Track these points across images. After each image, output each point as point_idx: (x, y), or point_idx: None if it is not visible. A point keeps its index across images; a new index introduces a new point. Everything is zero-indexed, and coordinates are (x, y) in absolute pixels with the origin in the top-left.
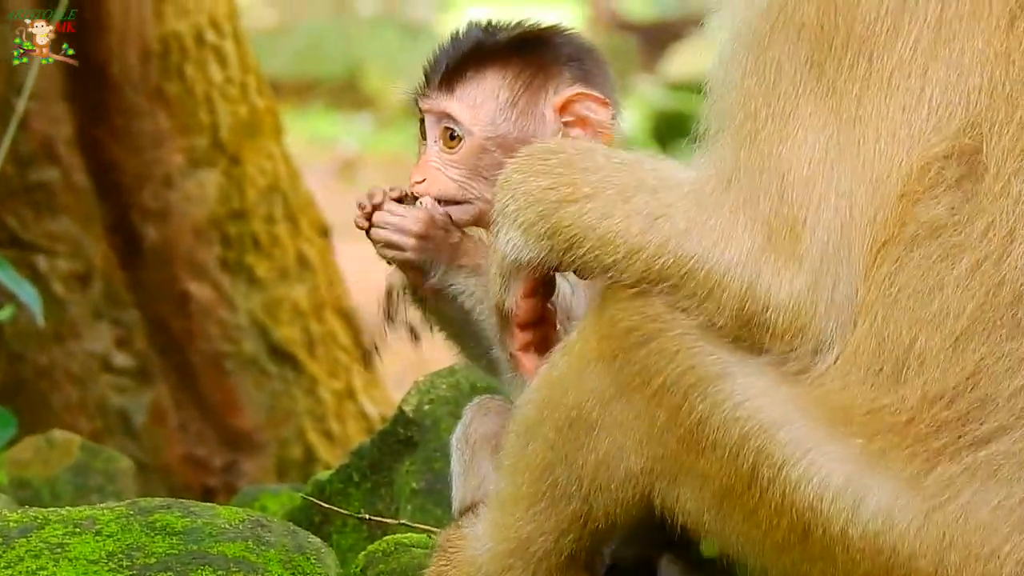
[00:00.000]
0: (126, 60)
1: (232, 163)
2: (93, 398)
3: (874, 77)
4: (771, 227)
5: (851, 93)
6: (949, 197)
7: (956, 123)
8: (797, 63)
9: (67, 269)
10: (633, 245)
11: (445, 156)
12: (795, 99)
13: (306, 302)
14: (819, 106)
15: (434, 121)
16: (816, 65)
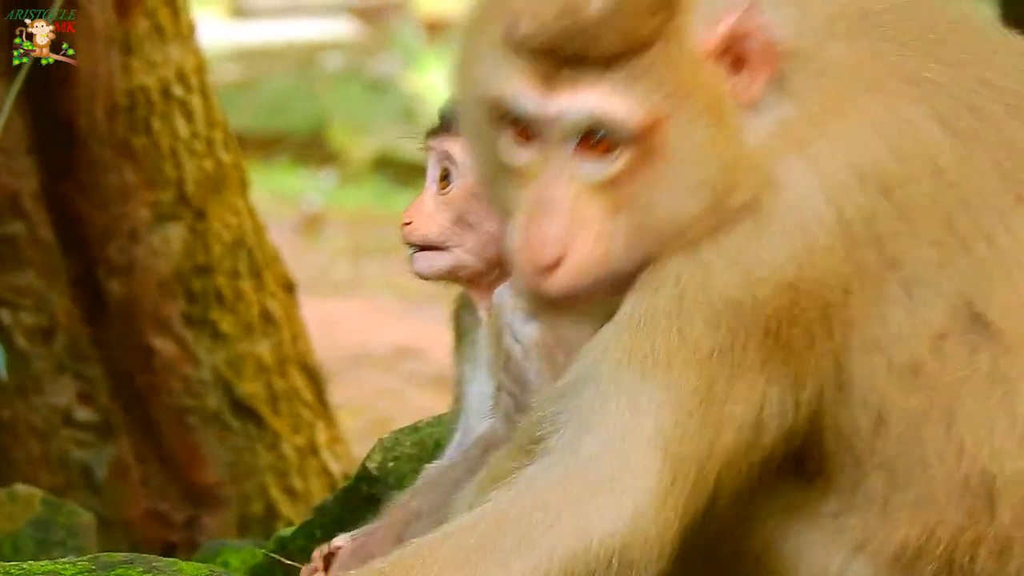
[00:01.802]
0: (93, 114)
1: (197, 218)
2: (55, 452)
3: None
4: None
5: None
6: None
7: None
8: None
9: (31, 323)
10: None
11: (439, 198)
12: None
13: (270, 358)
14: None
15: (435, 160)
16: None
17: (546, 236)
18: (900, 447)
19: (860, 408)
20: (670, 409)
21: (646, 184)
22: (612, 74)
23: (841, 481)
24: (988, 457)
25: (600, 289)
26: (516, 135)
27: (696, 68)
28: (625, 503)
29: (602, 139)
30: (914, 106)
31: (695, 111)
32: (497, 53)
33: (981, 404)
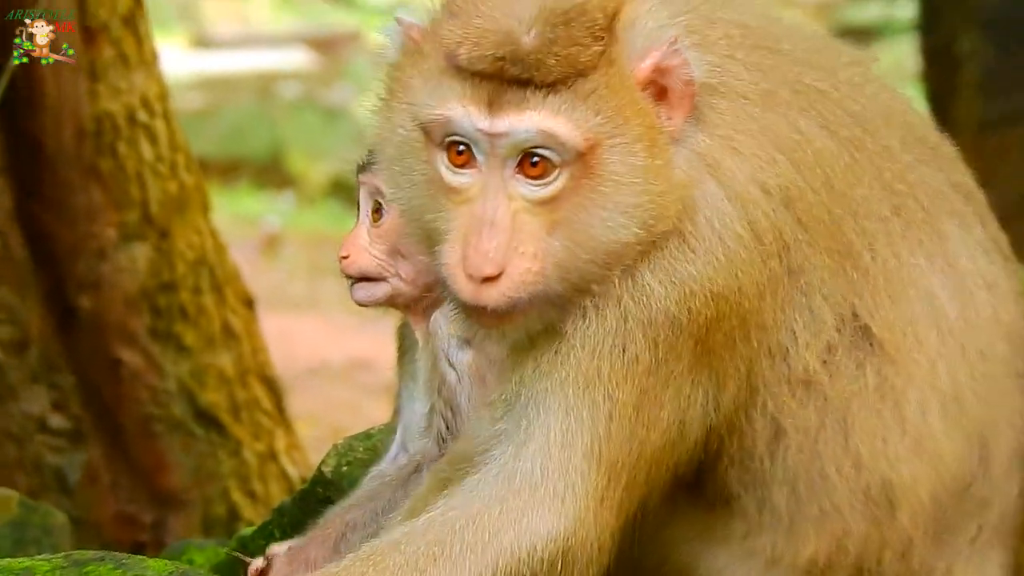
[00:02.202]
0: (61, 137)
1: (162, 237)
2: (30, 457)
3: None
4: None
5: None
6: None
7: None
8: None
9: (5, 335)
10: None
11: (372, 231)
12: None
13: (231, 369)
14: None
15: (367, 195)
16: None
17: (486, 251)
18: (799, 460)
19: (760, 417)
20: (606, 421)
21: (582, 205)
22: (555, 97)
23: (746, 503)
24: (886, 466)
25: (536, 305)
26: (453, 158)
27: (632, 96)
28: (566, 508)
29: (541, 160)
30: (804, 117)
31: (631, 137)
32: (438, 79)
33: (874, 416)
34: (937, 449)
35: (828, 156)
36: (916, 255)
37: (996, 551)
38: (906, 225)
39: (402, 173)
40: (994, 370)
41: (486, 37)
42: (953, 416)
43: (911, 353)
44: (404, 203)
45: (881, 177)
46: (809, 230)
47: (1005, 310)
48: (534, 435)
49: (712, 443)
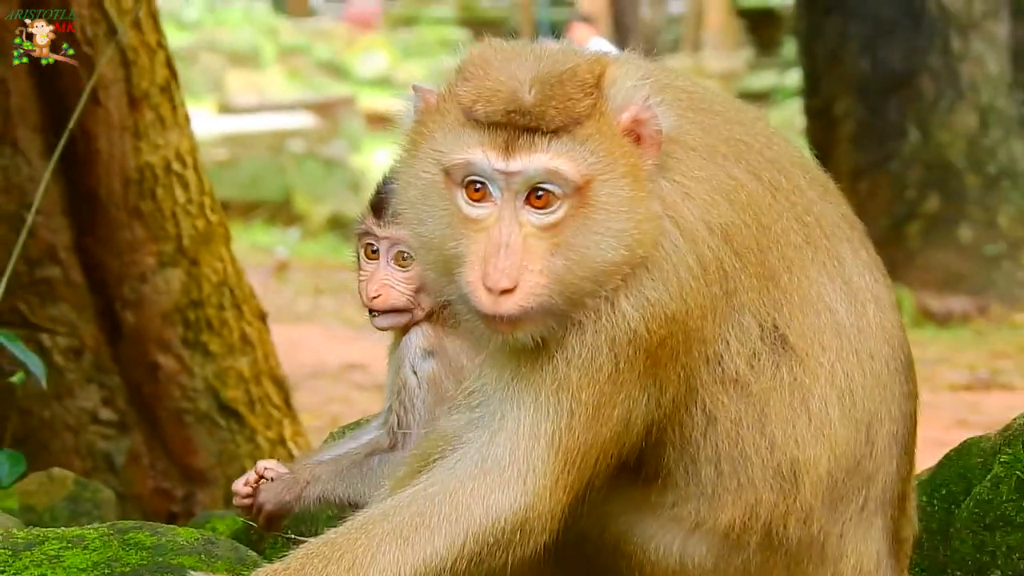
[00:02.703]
0: (111, 185)
1: (192, 264)
2: (84, 444)
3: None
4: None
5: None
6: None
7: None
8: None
9: (65, 344)
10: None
11: (397, 273)
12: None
13: (248, 371)
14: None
15: (388, 245)
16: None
17: (503, 269)
18: (726, 444)
19: (699, 411)
20: (568, 417)
21: (579, 230)
22: (558, 141)
23: (677, 478)
24: (794, 447)
25: (541, 313)
26: (471, 194)
27: (618, 141)
28: (527, 487)
29: (546, 193)
30: (737, 166)
31: (618, 174)
32: (458, 130)
33: (786, 408)
34: (834, 434)
35: (756, 197)
36: (821, 276)
37: (879, 518)
38: (814, 251)
39: (425, 210)
40: (879, 368)
41: (496, 95)
42: (847, 407)
43: (817, 356)
44: (426, 236)
45: (795, 211)
46: (742, 259)
47: (887, 319)
48: (506, 425)
49: (653, 434)
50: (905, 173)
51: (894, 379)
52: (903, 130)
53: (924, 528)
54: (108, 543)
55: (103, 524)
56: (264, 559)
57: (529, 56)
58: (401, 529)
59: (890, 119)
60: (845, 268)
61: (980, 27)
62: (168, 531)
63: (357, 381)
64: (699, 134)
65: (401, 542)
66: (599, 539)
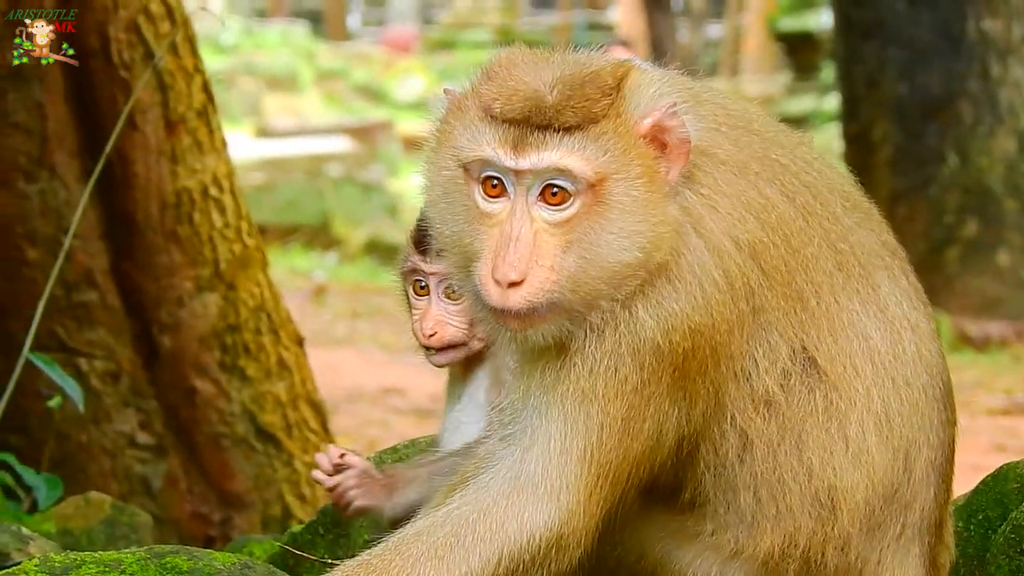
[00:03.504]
0: (148, 209)
1: (229, 288)
2: (121, 467)
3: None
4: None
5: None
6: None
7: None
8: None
9: (102, 368)
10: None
11: (449, 307)
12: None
13: (285, 395)
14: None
15: (437, 281)
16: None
17: (512, 262)
18: (763, 468)
19: (732, 430)
20: (598, 431)
21: (592, 228)
22: (570, 139)
23: (716, 505)
24: (831, 474)
25: (552, 312)
26: (488, 190)
27: (634, 143)
28: (561, 503)
29: (559, 190)
30: (769, 186)
31: (633, 174)
32: (476, 127)
33: (823, 434)
34: (871, 461)
35: (787, 219)
36: (853, 302)
37: (916, 545)
38: (846, 278)
39: (447, 207)
40: (917, 396)
41: (517, 93)
42: (884, 434)
43: (851, 382)
44: (447, 233)
45: (828, 237)
46: (769, 278)
47: (925, 347)
48: (537, 440)
49: (684, 449)
50: (943, 198)
51: (932, 407)
52: (941, 155)
53: (960, 553)
54: (145, 567)
55: (140, 548)
56: None
57: (555, 61)
58: (436, 549)
59: (928, 144)
60: (880, 295)
61: (1019, 52)
62: (205, 555)
63: (394, 405)
64: (731, 149)
65: (436, 562)
66: (636, 566)
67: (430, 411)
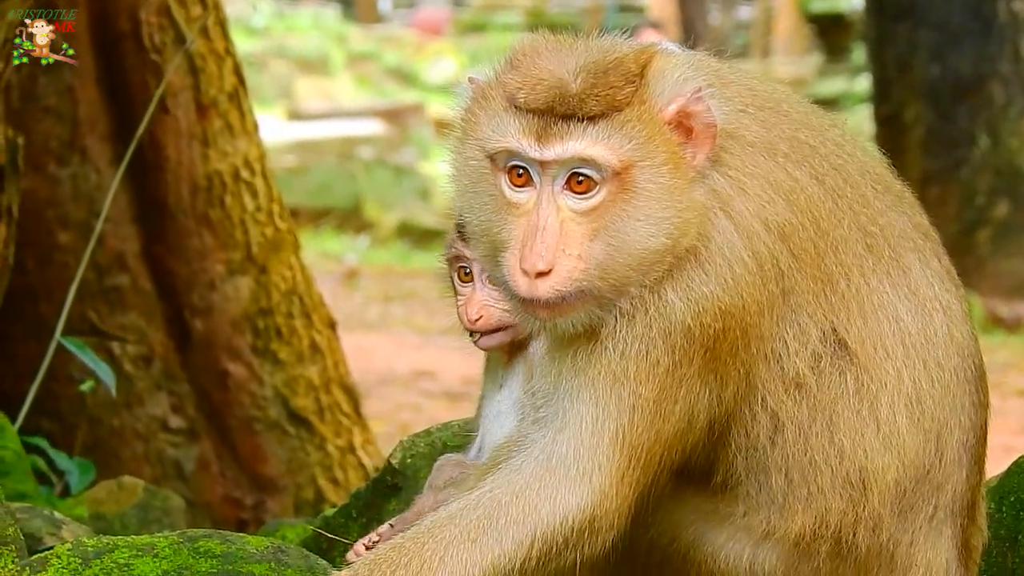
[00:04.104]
0: (180, 193)
1: (261, 272)
2: (154, 451)
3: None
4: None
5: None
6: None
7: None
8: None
9: (134, 352)
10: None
11: (493, 292)
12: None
13: (317, 379)
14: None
15: (480, 267)
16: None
17: (539, 252)
18: (795, 450)
19: (763, 412)
20: (630, 413)
21: (619, 216)
22: (594, 128)
23: (748, 487)
24: (863, 456)
25: (580, 300)
26: (514, 179)
27: (659, 130)
28: (593, 485)
29: (585, 178)
30: (799, 168)
31: (658, 161)
32: (500, 117)
33: (854, 416)
34: (903, 443)
35: (816, 201)
36: (884, 284)
37: (948, 527)
38: (876, 260)
39: (474, 196)
40: (948, 378)
41: (541, 83)
42: (916, 416)
43: (882, 364)
44: (476, 221)
45: (857, 220)
46: (799, 260)
47: (957, 329)
48: (569, 423)
49: (715, 431)
50: (975, 179)
51: (963, 389)
52: (973, 136)
53: (992, 535)
54: (178, 551)
55: (173, 532)
56: (334, 567)
57: (579, 47)
58: (469, 531)
59: (960, 125)
60: (911, 278)
61: None
62: (238, 539)
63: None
64: (759, 130)
65: (469, 544)
66: (668, 548)
67: (462, 394)
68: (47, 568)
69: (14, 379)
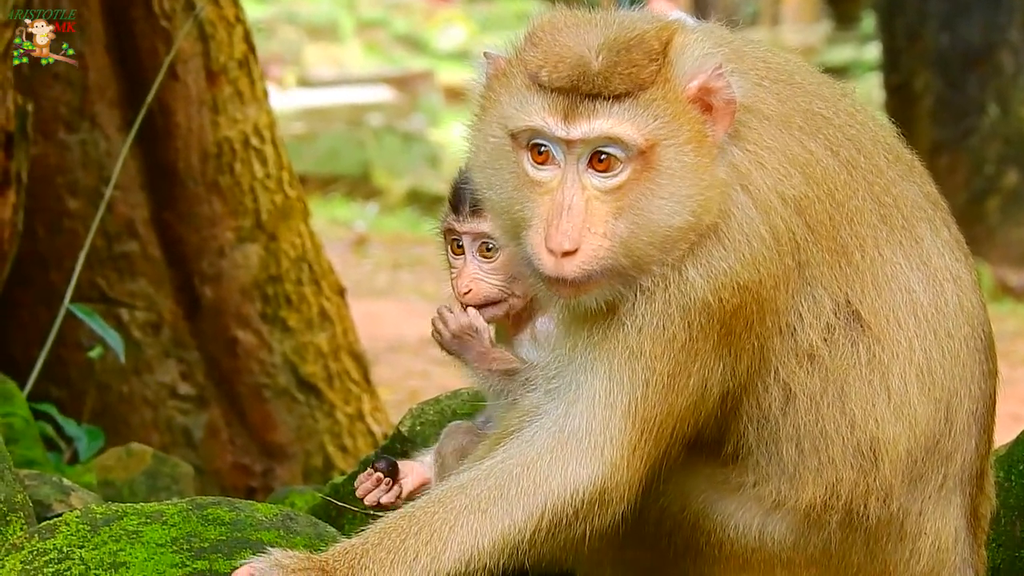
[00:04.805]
0: (189, 159)
1: (270, 239)
2: (163, 418)
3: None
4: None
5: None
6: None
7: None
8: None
9: (143, 319)
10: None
11: (484, 265)
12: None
13: (326, 346)
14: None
15: (471, 240)
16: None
17: (565, 231)
18: (806, 420)
19: (775, 384)
20: (643, 387)
21: (643, 194)
22: (619, 107)
23: (758, 457)
24: (874, 426)
25: (605, 277)
26: (536, 157)
27: (683, 107)
28: (605, 458)
29: (609, 157)
30: (813, 140)
31: (683, 140)
32: (523, 95)
33: (866, 386)
34: (913, 413)
35: (831, 173)
36: (897, 255)
37: (957, 496)
38: (890, 231)
39: (494, 174)
40: (958, 348)
41: (563, 61)
42: (926, 386)
43: (894, 334)
44: (495, 199)
45: (871, 190)
46: (814, 232)
47: (967, 299)
48: (582, 396)
49: (727, 403)
50: (984, 148)
51: (973, 358)
52: (982, 105)
53: (1001, 504)
54: (187, 518)
55: (182, 499)
56: (343, 535)
57: (598, 23)
58: (479, 502)
59: (969, 94)
60: (923, 248)
61: None
62: (247, 507)
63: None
64: (775, 104)
65: (479, 515)
66: (679, 517)
67: None
68: (56, 535)
69: (23, 346)
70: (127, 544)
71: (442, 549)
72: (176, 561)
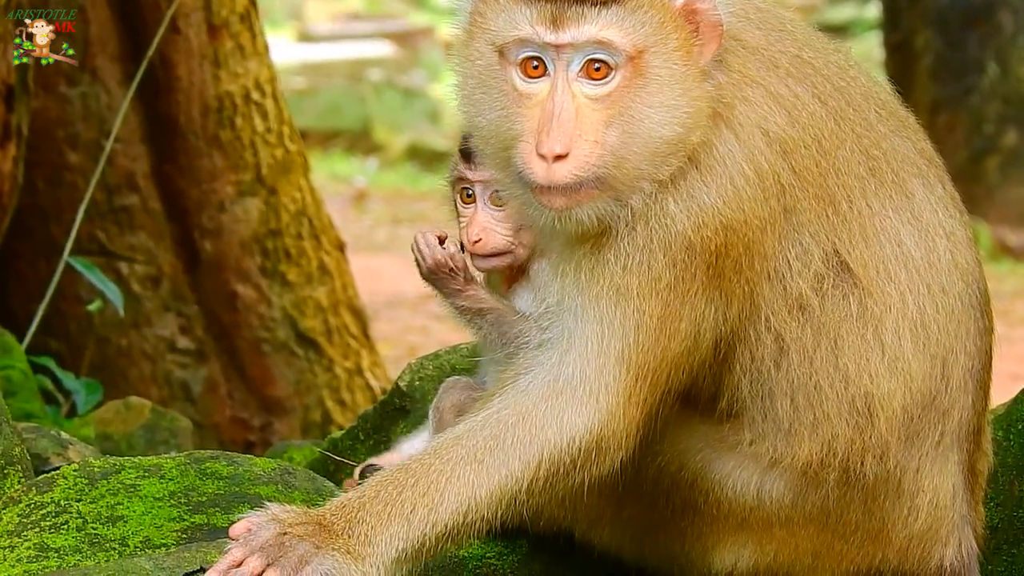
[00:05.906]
0: (190, 113)
1: (270, 193)
2: (161, 372)
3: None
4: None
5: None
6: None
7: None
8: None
9: (143, 273)
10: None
11: (495, 214)
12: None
13: (326, 300)
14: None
15: (482, 188)
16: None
17: (557, 136)
18: (800, 374)
19: (767, 333)
20: (635, 331)
21: (633, 102)
22: (608, 12)
23: (754, 413)
24: (868, 381)
25: (595, 188)
26: (528, 71)
27: (670, 16)
28: (600, 405)
29: (600, 63)
30: (800, 85)
31: (671, 48)
32: (510, 8)
33: (859, 339)
34: (908, 368)
35: (818, 120)
36: (886, 208)
37: (954, 453)
38: (879, 184)
39: (484, 95)
40: (953, 303)
41: None
42: (921, 340)
43: (884, 287)
44: (485, 122)
45: (860, 143)
46: (800, 178)
47: (961, 255)
48: (575, 344)
49: (720, 351)
50: (983, 107)
51: (968, 314)
52: (982, 64)
53: (1000, 463)
54: (185, 472)
55: (180, 453)
56: (340, 489)
57: None
58: (475, 452)
59: (969, 53)
60: (914, 203)
61: None
62: (245, 461)
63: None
64: (762, 40)
65: (476, 465)
66: (677, 476)
67: None
68: (53, 488)
69: (22, 299)
70: (125, 498)
71: (439, 501)
72: (174, 515)
